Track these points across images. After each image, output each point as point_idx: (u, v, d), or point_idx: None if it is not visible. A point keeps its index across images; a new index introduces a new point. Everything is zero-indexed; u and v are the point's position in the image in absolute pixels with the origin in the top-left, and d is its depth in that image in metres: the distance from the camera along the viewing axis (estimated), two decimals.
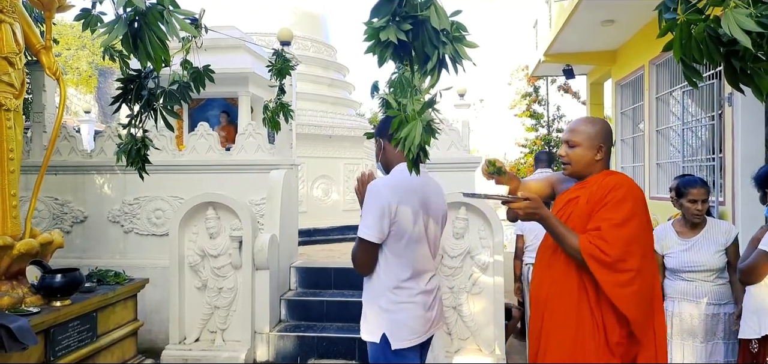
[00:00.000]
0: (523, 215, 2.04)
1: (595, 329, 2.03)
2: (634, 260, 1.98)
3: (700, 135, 6.14)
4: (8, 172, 3.57)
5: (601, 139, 2.15)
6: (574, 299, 2.07)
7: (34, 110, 5.40)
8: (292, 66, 4.25)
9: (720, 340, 3.03)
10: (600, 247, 1.98)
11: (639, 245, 2.01)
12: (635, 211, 2.03)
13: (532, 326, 2.25)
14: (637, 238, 2.01)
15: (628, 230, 1.99)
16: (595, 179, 2.13)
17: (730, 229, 3.09)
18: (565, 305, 2.08)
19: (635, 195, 2.06)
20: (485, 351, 4.31)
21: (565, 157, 2.20)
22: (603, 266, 1.97)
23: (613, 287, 1.97)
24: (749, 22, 1.25)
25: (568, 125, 2.30)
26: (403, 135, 1.47)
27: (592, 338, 2.03)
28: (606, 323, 2.02)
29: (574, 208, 2.15)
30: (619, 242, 1.97)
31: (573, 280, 2.07)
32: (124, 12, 1.56)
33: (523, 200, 2.02)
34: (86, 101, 22.31)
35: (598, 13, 6.64)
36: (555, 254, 2.15)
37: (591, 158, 2.14)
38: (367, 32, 1.50)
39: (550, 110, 16.19)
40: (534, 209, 2.02)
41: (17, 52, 3.58)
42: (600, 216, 2.03)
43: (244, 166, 5.25)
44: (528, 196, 2.03)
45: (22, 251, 3.50)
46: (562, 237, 2.05)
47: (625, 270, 1.97)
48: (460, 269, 4.31)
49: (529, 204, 2.01)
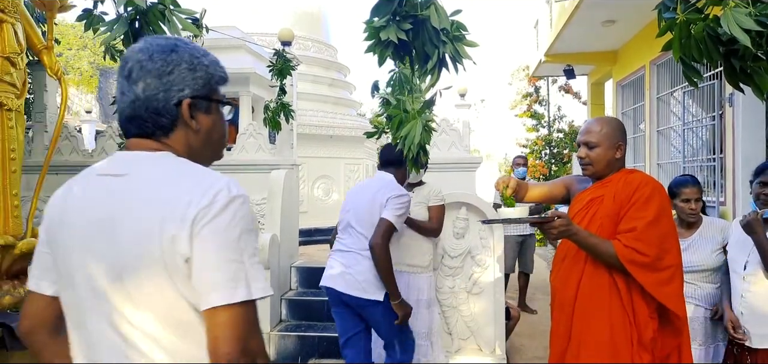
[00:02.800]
0: (557, 234, 2.02)
1: (628, 326, 2.04)
2: (671, 256, 2.04)
3: (701, 135, 6.13)
4: (10, 172, 3.58)
5: (619, 138, 2.19)
6: (605, 297, 2.07)
7: (35, 110, 5.41)
8: (293, 66, 4.26)
9: (720, 343, 2.98)
10: (637, 248, 1.99)
11: (672, 239, 2.07)
12: (663, 206, 2.08)
13: (557, 326, 2.23)
14: (669, 233, 2.06)
15: (661, 227, 2.03)
16: (618, 178, 2.16)
17: (725, 226, 3.06)
18: (597, 305, 2.08)
19: (661, 192, 2.12)
20: (485, 351, 4.31)
21: (586, 159, 2.21)
22: (643, 267, 1.99)
23: (657, 286, 2.00)
24: (749, 21, 1.25)
25: (583, 128, 2.31)
26: (402, 134, 1.48)
27: (625, 335, 2.03)
28: (638, 319, 2.04)
29: (598, 207, 2.15)
30: (655, 240, 2.01)
31: (603, 278, 2.08)
32: (125, 11, 1.56)
33: (555, 220, 2.00)
34: (87, 101, 22.33)
35: (598, 13, 6.64)
36: (580, 252, 2.14)
37: (611, 157, 2.18)
38: (367, 31, 1.50)
39: (551, 111, 16.18)
40: (566, 227, 2.01)
41: (19, 53, 3.59)
42: (631, 216, 2.05)
43: (245, 166, 5.26)
44: (558, 214, 2.03)
45: (23, 250, 3.51)
46: (596, 248, 2.05)
47: (665, 267, 2.02)
48: (460, 269, 4.31)
49: (562, 223, 2.00)
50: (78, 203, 1.06)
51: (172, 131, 1.08)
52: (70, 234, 1.04)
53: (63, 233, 1.06)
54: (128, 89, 1.06)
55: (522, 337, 5.21)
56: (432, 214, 3.44)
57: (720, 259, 3.00)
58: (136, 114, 1.06)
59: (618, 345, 2.03)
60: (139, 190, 1.00)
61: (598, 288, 2.08)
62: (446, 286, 4.28)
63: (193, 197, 0.96)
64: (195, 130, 1.09)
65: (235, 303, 0.93)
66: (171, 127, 1.07)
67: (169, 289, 0.95)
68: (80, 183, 1.10)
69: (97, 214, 1.01)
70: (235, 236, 0.96)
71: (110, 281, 0.98)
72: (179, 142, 1.08)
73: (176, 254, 0.94)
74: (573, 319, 2.14)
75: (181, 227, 0.94)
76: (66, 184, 1.13)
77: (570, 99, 16.58)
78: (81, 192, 1.07)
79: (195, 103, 1.09)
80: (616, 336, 2.04)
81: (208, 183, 0.98)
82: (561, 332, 2.20)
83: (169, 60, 1.06)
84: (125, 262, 0.96)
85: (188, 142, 1.09)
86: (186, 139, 1.09)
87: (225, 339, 0.92)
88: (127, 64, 1.07)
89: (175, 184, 0.99)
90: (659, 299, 2.00)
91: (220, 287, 0.93)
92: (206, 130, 1.12)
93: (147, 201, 0.98)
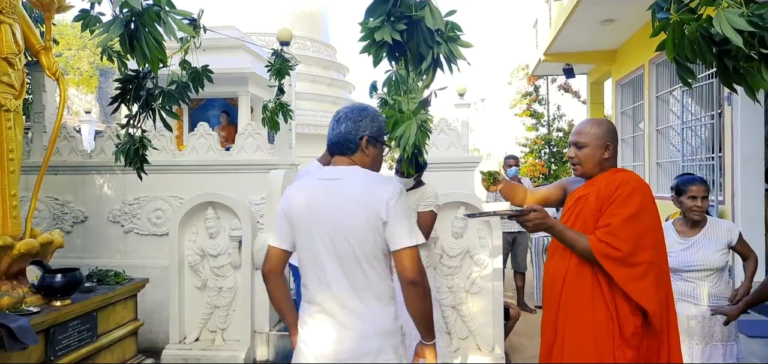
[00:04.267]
0: (532, 226, 2.11)
1: (610, 322, 2.07)
2: (645, 253, 2.04)
3: (700, 134, 6.14)
4: (8, 173, 3.59)
5: (607, 139, 2.23)
6: (588, 293, 2.11)
7: (34, 111, 5.41)
8: (291, 66, 4.26)
9: (718, 343, 2.99)
10: (611, 243, 2.04)
11: (650, 237, 2.07)
12: (644, 205, 2.09)
13: (545, 322, 2.30)
14: (647, 231, 2.07)
15: (638, 224, 2.06)
16: (604, 177, 2.20)
17: (731, 228, 3.07)
18: (581, 300, 2.13)
19: (643, 190, 2.13)
20: (484, 350, 4.32)
21: (575, 158, 2.27)
22: (616, 262, 2.03)
23: (627, 281, 2.03)
24: (741, 22, 1.25)
25: (574, 128, 2.37)
26: (397, 134, 1.48)
27: (607, 330, 2.07)
28: (620, 315, 2.06)
29: (583, 205, 2.21)
30: (630, 236, 2.04)
31: (586, 274, 2.12)
32: (121, 12, 1.57)
33: (530, 212, 2.10)
34: (87, 102, 22.34)
35: (597, 13, 6.64)
36: (567, 249, 2.19)
37: (599, 157, 2.22)
38: (362, 32, 1.51)
39: (551, 110, 16.17)
40: (541, 219, 2.10)
41: (17, 53, 3.59)
42: (610, 212, 2.09)
43: (244, 166, 5.26)
44: (534, 207, 2.11)
45: (22, 251, 3.51)
46: (572, 242, 2.12)
47: (637, 263, 2.04)
48: (459, 269, 4.32)
49: (536, 216, 2.09)
50: (309, 193, 1.86)
51: (354, 153, 1.87)
52: (306, 213, 1.82)
53: (300, 213, 1.83)
54: (336, 127, 1.88)
55: (521, 336, 5.21)
56: (419, 220, 3.37)
57: (722, 259, 3.00)
58: (339, 141, 1.87)
59: (600, 340, 2.06)
60: (351, 185, 1.80)
61: (582, 284, 2.12)
62: (445, 285, 4.29)
63: (386, 190, 1.76)
64: (366, 155, 1.89)
65: (411, 245, 1.73)
66: (354, 150, 1.87)
67: (373, 237, 1.75)
68: (308, 183, 1.91)
69: (325, 199, 1.81)
70: (408, 211, 1.80)
71: (339, 236, 1.77)
72: (358, 161, 1.87)
73: (378, 219, 1.73)
74: (559, 314, 2.19)
75: (382, 205, 1.73)
76: (296, 184, 1.98)
77: (569, 98, 16.59)
78: (309, 187, 1.88)
79: (369, 140, 1.88)
80: (598, 331, 2.07)
81: (390, 183, 1.80)
82: (549, 327, 2.26)
83: (361, 115, 1.86)
84: (349, 224, 1.76)
85: (362, 162, 1.88)
86: (361, 160, 1.88)
87: (410, 266, 1.74)
88: (339, 114, 1.89)
89: (372, 182, 1.80)
90: (630, 293, 2.02)
91: (405, 237, 1.73)
92: (372, 157, 1.91)
93: (358, 192, 1.78)
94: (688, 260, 3.04)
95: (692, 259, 3.03)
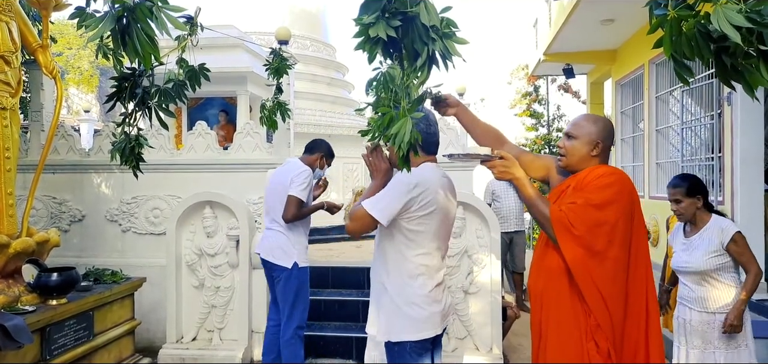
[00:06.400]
0: (498, 174, 2.06)
1: (584, 316, 2.01)
2: (600, 242, 1.96)
3: (700, 134, 6.12)
4: (5, 171, 3.58)
5: (599, 136, 2.12)
6: (566, 289, 2.05)
7: (32, 109, 5.40)
8: (290, 65, 4.24)
9: (716, 349, 2.88)
10: (570, 219, 1.97)
11: (608, 230, 1.97)
12: (616, 199, 2.00)
13: (532, 320, 2.26)
14: (608, 224, 1.97)
15: (600, 214, 1.97)
16: (588, 170, 2.11)
17: (725, 227, 2.89)
18: (557, 297, 2.08)
19: (622, 186, 2.04)
20: (482, 351, 4.30)
21: (563, 149, 2.17)
22: (573, 238, 1.97)
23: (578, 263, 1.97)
24: (739, 18, 1.23)
25: (572, 120, 2.29)
26: (392, 132, 1.47)
27: (579, 327, 2.02)
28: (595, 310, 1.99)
29: (562, 191, 2.14)
30: (589, 220, 1.96)
31: (564, 271, 2.05)
32: (112, 8, 1.55)
33: (497, 159, 2.05)
34: (87, 101, 22.33)
35: (597, 12, 6.62)
36: (548, 246, 2.14)
37: (586, 153, 2.12)
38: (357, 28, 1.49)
39: (550, 110, 16.17)
40: (507, 167, 2.04)
41: (13, 51, 3.58)
42: (580, 194, 2.03)
43: (242, 165, 5.25)
44: (502, 154, 2.06)
45: (18, 249, 3.50)
46: (534, 202, 2.05)
47: (595, 251, 1.96)
48: (457, 269, 4.30)
49: (503, 163, 2.04)
50: (437, 181, 2.22)
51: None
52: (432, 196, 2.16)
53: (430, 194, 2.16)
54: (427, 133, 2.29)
55: (520, 336, 5.19)
56: None
57: (712, 262, 2.86)
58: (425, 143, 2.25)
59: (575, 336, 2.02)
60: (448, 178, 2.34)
61: (560, 281, 2.06)
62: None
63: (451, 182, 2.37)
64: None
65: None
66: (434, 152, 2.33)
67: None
68: (434, 171, 2.25)
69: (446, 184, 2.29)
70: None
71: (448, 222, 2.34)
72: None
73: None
74: (542, 312, 2.15)
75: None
76: (423, 170, 2.21)
77: (569, 98, 16.58)
78: (433, 175, 2.23)
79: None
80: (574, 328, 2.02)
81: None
82: (535, 325, 2.22)
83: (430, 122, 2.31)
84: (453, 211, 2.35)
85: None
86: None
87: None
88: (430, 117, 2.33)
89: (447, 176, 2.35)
90: (573, 272, 1.98)
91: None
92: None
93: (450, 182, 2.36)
94: (682, 261, 3.00)
95: (686, 260, 2.97)
